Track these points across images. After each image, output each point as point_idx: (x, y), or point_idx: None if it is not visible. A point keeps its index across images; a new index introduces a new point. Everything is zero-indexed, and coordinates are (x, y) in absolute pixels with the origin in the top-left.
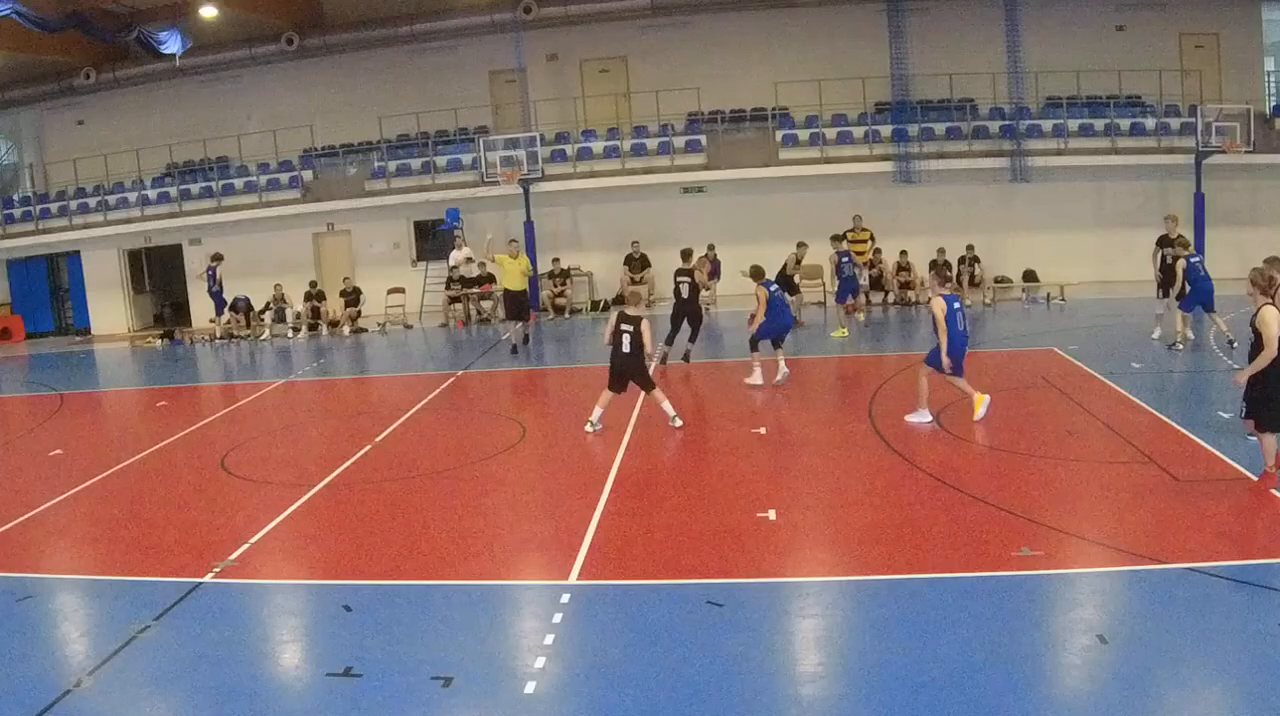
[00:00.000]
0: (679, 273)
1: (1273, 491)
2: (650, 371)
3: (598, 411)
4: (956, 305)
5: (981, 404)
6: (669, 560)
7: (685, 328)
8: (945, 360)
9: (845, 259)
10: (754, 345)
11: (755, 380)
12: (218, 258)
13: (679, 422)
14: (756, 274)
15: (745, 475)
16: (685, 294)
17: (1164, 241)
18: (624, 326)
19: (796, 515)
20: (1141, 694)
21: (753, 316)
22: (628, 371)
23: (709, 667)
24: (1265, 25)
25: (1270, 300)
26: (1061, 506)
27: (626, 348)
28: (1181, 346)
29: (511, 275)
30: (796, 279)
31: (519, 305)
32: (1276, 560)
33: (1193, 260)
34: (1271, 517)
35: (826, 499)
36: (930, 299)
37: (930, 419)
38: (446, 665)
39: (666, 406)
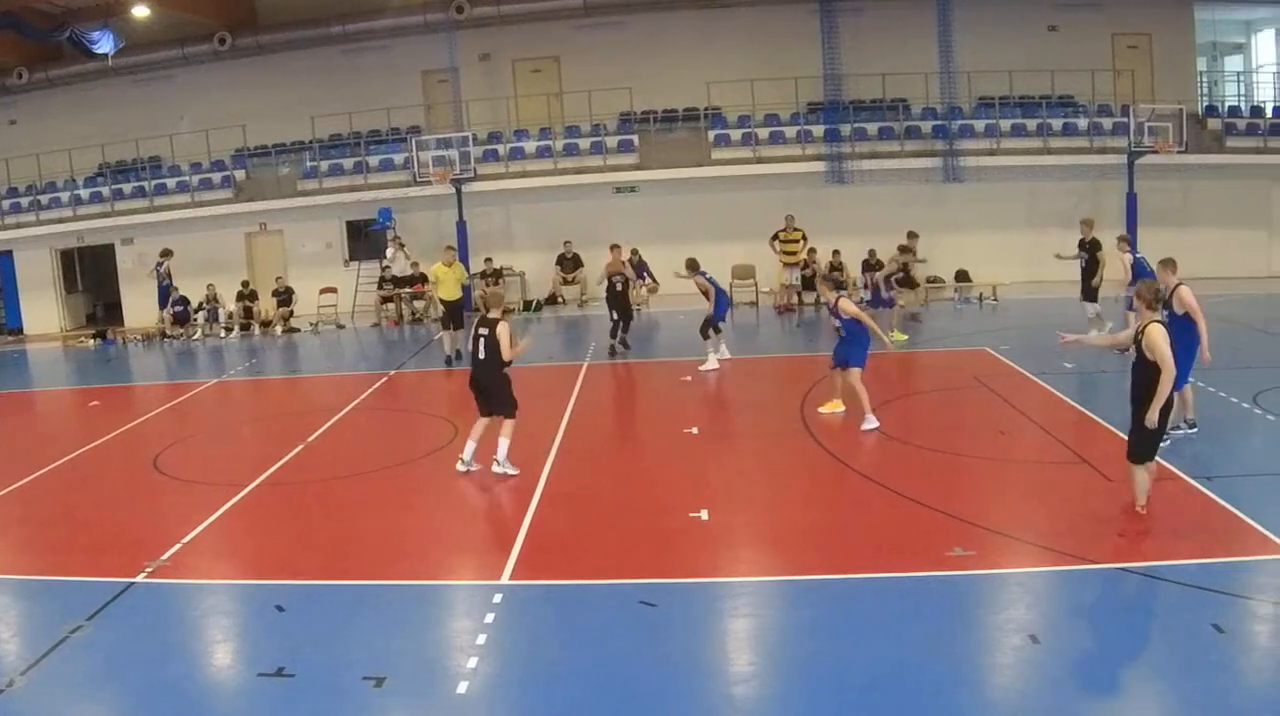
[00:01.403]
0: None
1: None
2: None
3: (470, 445)
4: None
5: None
6: (601, 560)
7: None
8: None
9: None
10: (706, 332)
11: (711, 365)
12: (167, 253)
13: (503, 470)
14: (693, 266)
15: (677, 475)
16: (618, 287)
17: (1082, 245)
18: (480, 330)
19: (729, 515)
20: (1073, 693)
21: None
22: (482, 384)
23: (642, 667)
24: (1197, 25)
25: (1156, 316)
26: (994, 506)
27: (481, 353)
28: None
29: (448, 284)
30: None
31: (457, 315)
32: (1208, 560)
33: (1139, 257)
34: (1203, 517)
35: (759, 499)
36: (838, 301)
37: (877, 423)
38: (379, 665)
39: (504, 445)
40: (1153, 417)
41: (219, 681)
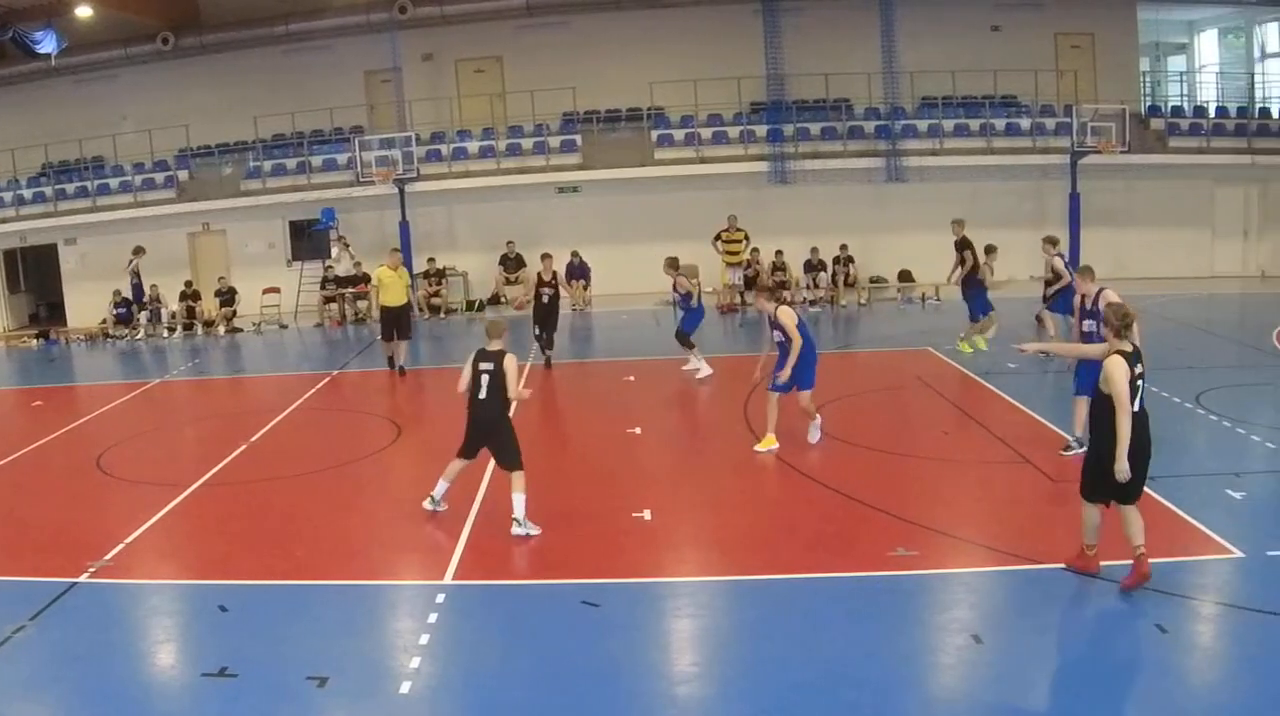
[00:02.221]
0: (542, 283)
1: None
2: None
3: (441, 484)
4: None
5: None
6: (544, 560)
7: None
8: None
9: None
10: (686, 340)
11: (705, 371)
12: (139, 251)
13: (525, 531)
14: (674, 265)
15: (620, 475)
16: (545, 299)
17: (963, 244)
18: (482, 365)
19: (672, 515)
20: (1016, 693)
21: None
22: (485, 428)
23: (584, 667)
24: (1140, 25)
25: (1124, 345)
26: (937, 506)
27: (483, 392)
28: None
29: (393, 289)
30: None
31: (403, 322)
32: (1151, 560)
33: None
34: (1145, 518)
35: (702, 499)
36: (778, 311)
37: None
38: (322, 665)
39: (520, 502)
40: (1121, 469)
41: (162, 681)
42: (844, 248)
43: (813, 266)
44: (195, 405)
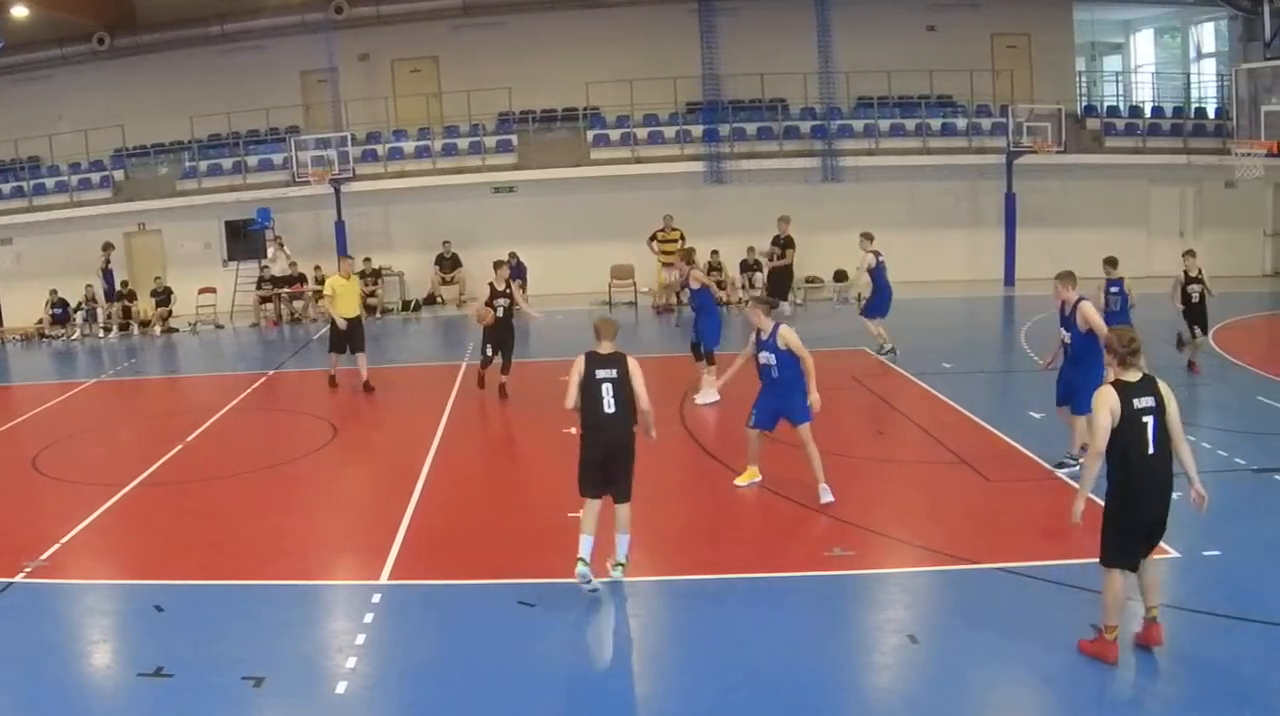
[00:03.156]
0: (496, 294)
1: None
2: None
3: (585, 540)
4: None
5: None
6: (480, 560)
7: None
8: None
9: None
10: (710, 356)
11: (710, 397)
12: (108, 247)
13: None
14: (688, 258)
15: (557, 475)
16: (499, 313)
17: (776, 241)
18: (600, 372)
19: (608, 514)
20: (951, 693)
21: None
22: (616, 451)
23: (521, 667)
24: (1076, 25)
25: (1126, 375)
26: (873, 507)
27: (610, 406)
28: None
29: (347, 299)
30: None
31: (358, 335)
32: (1087, 560)
33: (881, 260)
34: (1083, 518)
35: (639, 498)
36: (779, 330)
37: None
38: (258, 665)
39: (625, 542)
40: (1075, 511)
41: (98, 681)
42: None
43: (748, 266)
44: (131, 405)
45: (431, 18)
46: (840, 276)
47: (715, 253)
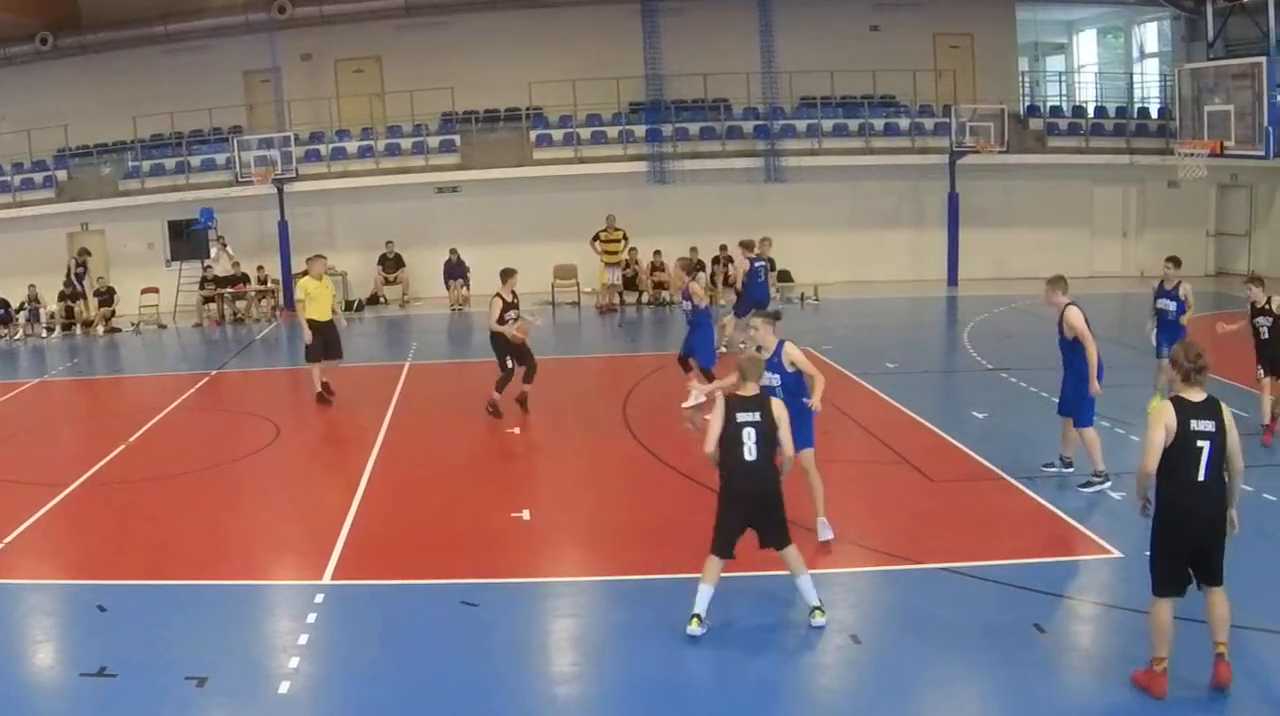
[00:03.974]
0: (509, 306)
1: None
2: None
3: (704, 594)
4: None
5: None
6: (423, 560)
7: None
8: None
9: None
10: (709, 374)
11: (696, 399)
12: (84, 252)
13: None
14: (690, 268)
15: (499, 475)
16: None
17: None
18: (741, 416)
19: (551, 515)
20: (895, 693)
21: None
22: (760, 501)
23: (463, 667)
24: (1019, 25)
25: (1186, 394)
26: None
27: (752, 453)
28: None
29: (321, 303)
30: None
31: (334, 341)
32: (1030, 560)
33: (758, 264)
34: (1025, 518)
35: (581, 499)
36: (785, 348)
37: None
38: (201, 665)
39: (808, 583)
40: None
41: (41, 681)
42: (723, 248)
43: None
44: (75, 405)
45: (374, 18)
46: (783, 276)
47: (658, 253)
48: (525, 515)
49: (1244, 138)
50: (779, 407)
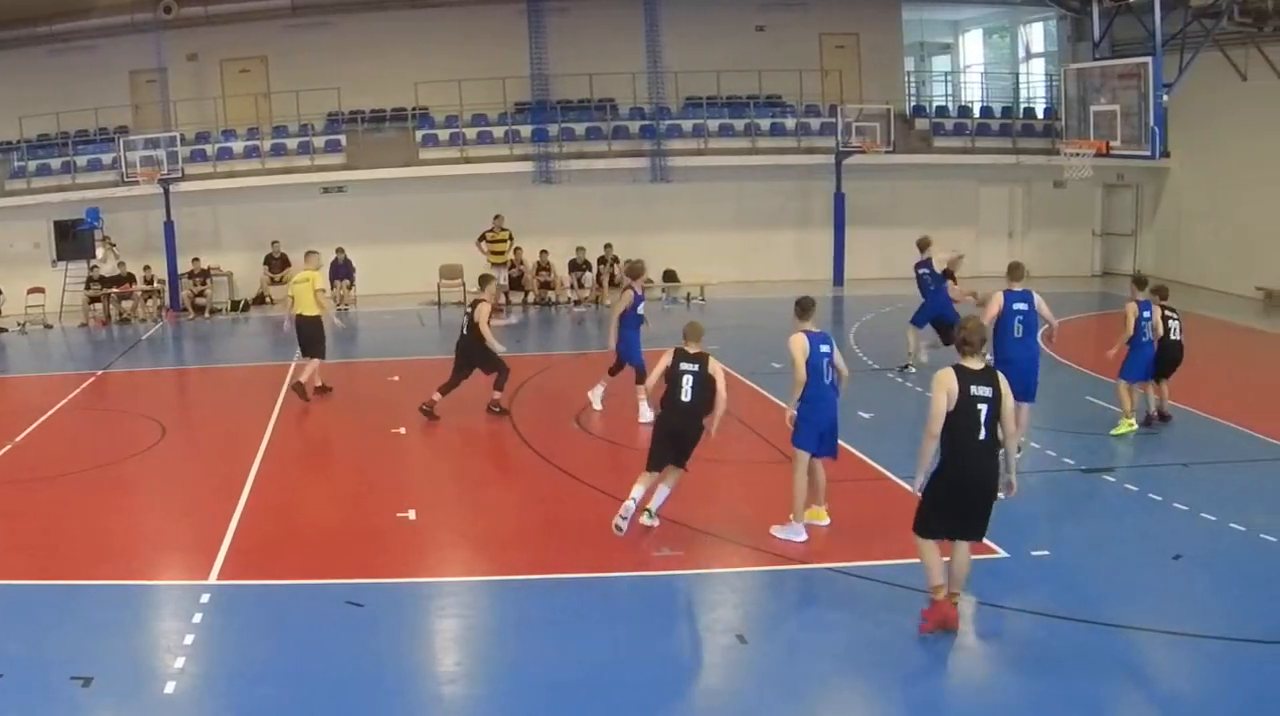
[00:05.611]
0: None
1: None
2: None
3: (636, 492)
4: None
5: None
6: (310, 560)
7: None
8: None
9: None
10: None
11: (598, 406)
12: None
13: (653, 522)
14: (635, 272)
15: (386, 475)
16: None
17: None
18: (686, 365)
19: (437, 515)
20: (780, 693)
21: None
22: (683, 435)
23: (350, 667)
24: (905, 25)
25: (969, 362)
26: (702, 506)
27: (687, 395)
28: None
29: (307, 298)
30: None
31: (314, 336)
32: (914, 560)
33: (922, 271)
34: (909, 517)
35: (467, 499)
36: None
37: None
38: (86, 665)
39: (664, 496)
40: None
41: None
42: (609, 247)
43: (577, 266)
44: None
45: (260, 18)
46: (670, 276)
47: (544, 252)
48: (411, 515)
49: (1130, 138)
50: (716, 366)
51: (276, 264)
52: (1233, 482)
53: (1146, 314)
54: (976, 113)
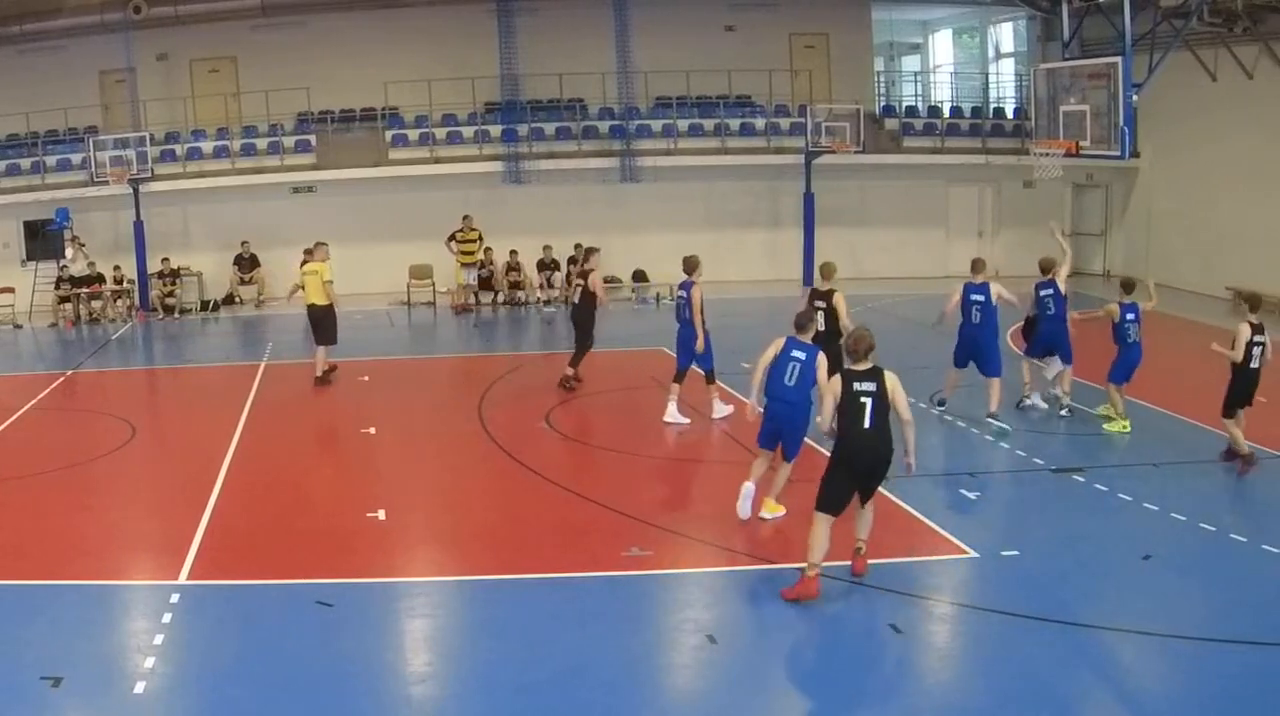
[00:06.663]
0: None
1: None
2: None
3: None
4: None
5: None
6: (279, 560)
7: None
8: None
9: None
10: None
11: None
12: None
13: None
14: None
15: (355, 475)
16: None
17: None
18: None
19: (407, 515)
20: (750, 693)
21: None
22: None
23: (320, 667)
24: (875, 25)
25: (855, 365)
26: (672, 506)
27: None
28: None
29: (316, 287)
30: None
31: (324, 325)
32: (885, 560)
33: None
34: (880, 518)
35: (437, 499)
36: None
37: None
38: (56, 665)
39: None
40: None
41: None
42: (578, 247)
43: (546, 266)
44: None
45: (230, 18)
46: (639, 276)
47: (514, 252)
48: (381, 515)
49: (1099, 138)
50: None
51: (246, 264)
52: (1202, 483)
53: (1130, 317)
54: (946, 113)
